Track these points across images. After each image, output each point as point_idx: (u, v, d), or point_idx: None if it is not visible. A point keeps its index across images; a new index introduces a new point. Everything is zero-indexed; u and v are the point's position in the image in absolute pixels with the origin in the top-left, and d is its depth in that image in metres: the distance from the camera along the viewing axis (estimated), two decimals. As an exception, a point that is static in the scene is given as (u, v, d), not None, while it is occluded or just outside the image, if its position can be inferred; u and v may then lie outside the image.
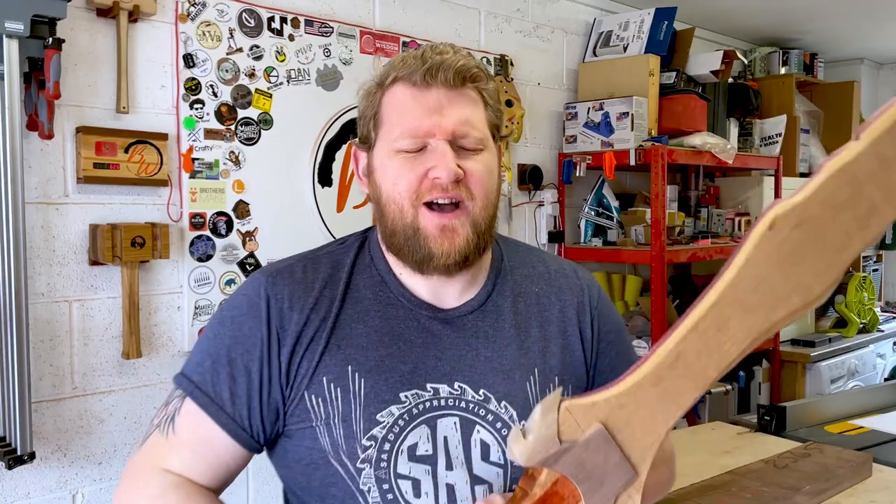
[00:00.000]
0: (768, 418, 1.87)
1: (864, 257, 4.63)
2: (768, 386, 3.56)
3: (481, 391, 0.96)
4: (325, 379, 0.93)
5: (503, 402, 0.96)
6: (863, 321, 4.05)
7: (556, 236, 3.21)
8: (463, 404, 0.95)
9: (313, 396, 0.93)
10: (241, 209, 2.31)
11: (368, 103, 0.98)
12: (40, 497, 1.96)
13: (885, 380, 4.03)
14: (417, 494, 0.92)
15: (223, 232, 2.27)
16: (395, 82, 0.95)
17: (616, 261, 3.18)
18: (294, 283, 0.97)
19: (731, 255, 0.65)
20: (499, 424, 0.95)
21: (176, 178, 2.18)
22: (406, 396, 0.94)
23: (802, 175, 4.08)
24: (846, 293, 4.08)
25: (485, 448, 0.95)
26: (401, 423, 0.93)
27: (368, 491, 0.92)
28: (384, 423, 0.93)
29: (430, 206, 0.93)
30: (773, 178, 3.65)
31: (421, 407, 0.94)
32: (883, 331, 4.17)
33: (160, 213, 2.15)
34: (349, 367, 0.94)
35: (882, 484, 1.54)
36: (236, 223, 2.30)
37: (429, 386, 0.94)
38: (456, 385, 0.95)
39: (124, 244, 1.96)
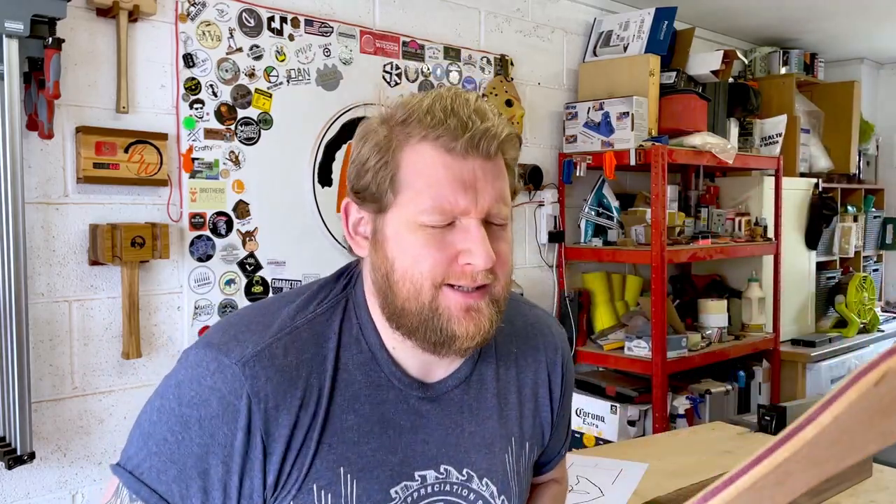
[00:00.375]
0: (768, 418, 1.87)
1: (864, 257, 4.63)
2: (768, 386, 3.56)
3: (465, 471, 0.92)
4: (315, 486, 0.83)
5: (484, 479, 0.93)
6: (863, 321, 4.05)
7: (556, 236, 3.21)
8: (448, 487, 0.91)
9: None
10: (241, 209, 2.31)
11: (380, 154, 0.83)
12: (40, 497, 1.96)
13: (886, 380, 4.02)
14: None
15: (223, 232, 2.27)
16: (424, 141, 0.82)
17: (616, 261, 3.18)
18: (277, 375, 0.81)
19: (816, 408, 0.58)
20: (480, 502, 0.93)
21: (176, 178, 2.18)
22: (396, 492, 0.87)
23: (802, 175, 4.08)
24: (846, 293, 4.08)
25: None
26: None
27: None
28: None
29: (451, 286, 0.83)
30: (773, 178, 3.65)
31: (409, 499, 0.88)
32: (883, 331, 4.17)
33: (160, 213, 2.15)
34: (341, 469, 0.84)
35: (882, 484, 1.54)
36: (236, 223, 2.30)
37: (416, 475, 0.89)
38: (441, 468, 0.91)
39: (124, 244, 1.96)
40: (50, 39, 1.79)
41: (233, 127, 2.29)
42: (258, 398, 0.80)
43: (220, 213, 2.27)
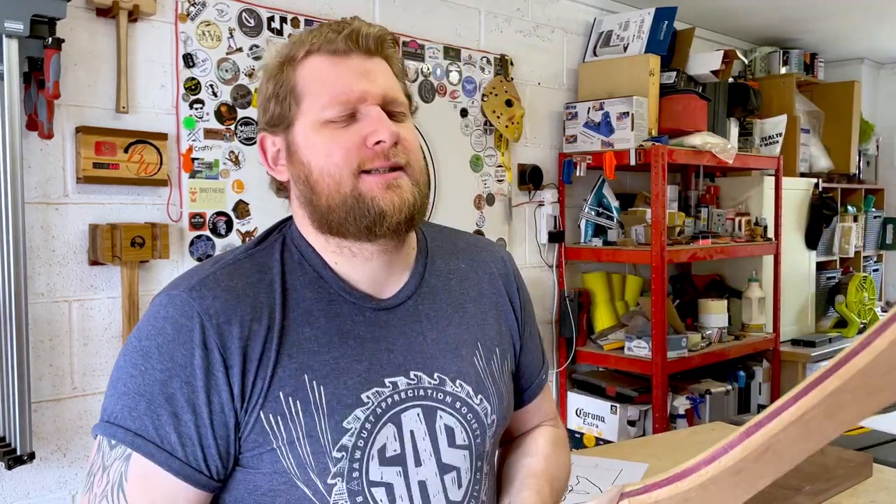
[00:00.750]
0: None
1: (864, 257, 4.63)
2: (768, 386, 3.56)
3: (435, 375, 0.93)
4: (281, 394, 0.85)
5: (458, 381, 0.95)
6: (863, 321, 4.05)
7: (556, 236, 3.21)
8: (421, 392, 0.92)
9: (270, 415, 0.84)
10: (241, 209, 2.31)
11: (276, 82, 0.90)
12: (40, 497, 1.96)
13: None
14: (392, 500, 0.88)
15: (223, 232, 2.27)
16: (309, 55, 0.89)
17: (616, 261, 3.18)
18: (224, 293, 0.85)
19: (867, 334, 0.55)
20: (458, 404, 0.94)
21: (176, 178, 2.18)
22: (368, 397, 0.88)
23: (803, 175, 4.08)
24: (846, 293, 4.08)
25: (450, 433, 0.93)
26: (367, 426, 0.88)
27: None
28: (352, 430, 0.87)
29: (368, 173, 0.87)
30: (773, 178, 3.65)
31: (384, 405, 0.89)
32: (883, 331, 4.16)
33: (160, 212, 2.15)
34: (305, 377, 0.86)
35: (882, 484, 1.54)
36: (236, 223, 2.30)
37: (387, 381, 0.90)
38: (412, 374, 0.92)
39: (124, 244, 1.96)
40: (50, 39, 1.79)
41: (233, 127, 2.29)
42: (208, 315, 0.83)
43: (219, 213, 2.26)
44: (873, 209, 4.72)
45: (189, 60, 2.19)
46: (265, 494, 0.86)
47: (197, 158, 2.22)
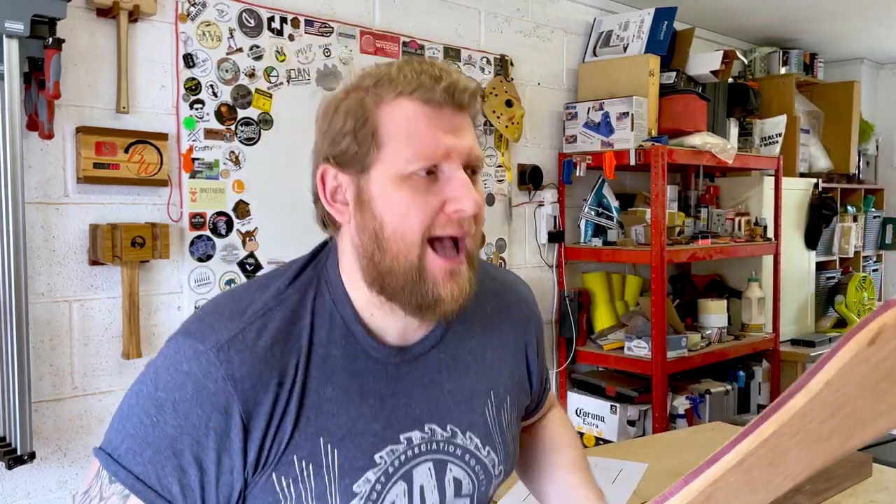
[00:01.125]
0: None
1: (864, 257, 4.63)
2: (768, 386, 3.56)
3: (448, 427, 0.93)
4: (295, 458, 0.83)
5: (468, 433, 0.94)
6: (863, 321, 4.05)
7: (556, 236, 3.21)
8: (434, 445, 0.91)
9: (282, 477, 0.83)
10: (241, 209, 2.31)
11: (356, 117, 0.84)
12: (40, 497, 1.96)
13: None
14: None
15: (223, 232, 2.27)
16: (400, 97, 0.83)
17: (616, 261, 3.18)
18: (252, 357, 0.82)
19: (803, 376, 0.51)
20: (467, 457, 0.94)
21: (176, 178, 2.18)
22: (381, 457, 0.87)
23: (802, 175, 4.08)
24: (846, 293, 4.08)
25: (457, 484, 0.94)
26: (378, 487, 0.87)
27: None
28: (361, 493, 0.86)
29: (433, 247, 0.84)
30: (773, 178, 3.65)
31: (396, 463, 0.88)
32: (883, 331, 4.16)
33: (160, 213, 2.15)
34: (321, 440, 0.84)
35: (882, 484, 1.54)
36: (236, 223, 2.30)
37: (402, 437, 0.89)
38: (426, 428, 0.91)
39: (124, 244, 1.96)
40: (50, 39, 1.79)
41: (233, 127, 2.29)
42: (234, 380, 0.80)
43: (220, 213, 2.27)
44: (873, 209, 4.72)
45: (189, 60, 2.20)
46: None
47: (197, 158, 2.22)
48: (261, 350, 0.83)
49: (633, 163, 2.98)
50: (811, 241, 3.97)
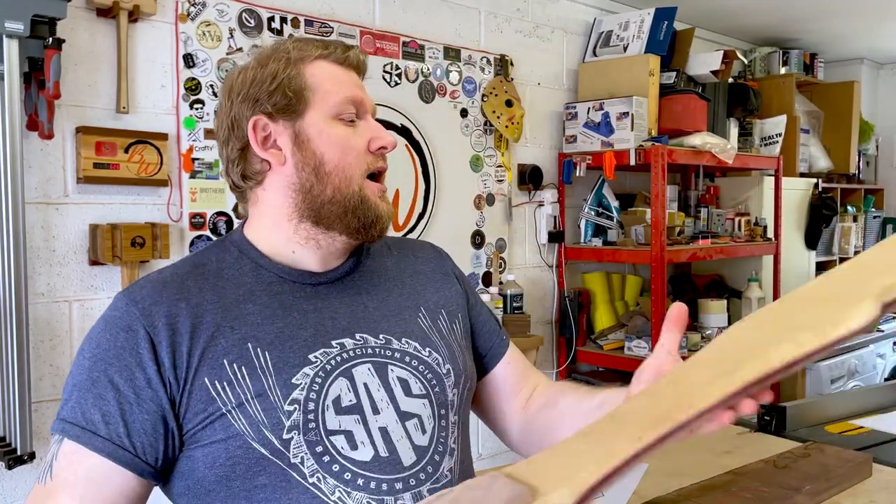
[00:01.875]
0: (768, 418, 1.87)
1: (864, 257, 4.62)
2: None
3: (381, 336, 0.98)
4: (225, 361, 0.88)
5: (403, 339, 1.00)
6: (863, 321, 4.05)
7: (556, 236, 3.21)
8: (369, 350, 0.96)
9: (216, 382, 0.87)
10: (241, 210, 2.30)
11: (286, 71, 0.96)
12: (40, 497, 1.96)
13: (885, 380, 4.03)
14: (354, 447, 0.89)
15: (223, 232, 2.27)
16: (318, 59, 0.99)
17: (616, 261, 3.18)
18: (149, 284, 0.95)
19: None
20: (407, 358, 0.98)
21: (176, 178, 2.18)
22: (315, 357, 0.92)
23: (802, 175, 4.08)
24: (846, 293, 4.07)
25: (404, 384, 0.96)
26: (318, 380, 0.91)
27: (302, 462, 0.87)
28: (302, 385, 0.89)
29: (369, 177, 0.99)
30: (773, 178, 3.65)
31: (333, 362, 0.93)
32: (883, 331, 4.17)
33: (160, 213, 2.15)
34: (248, 345, 0.90)
35: (882, 484, 1.54)
36: (236, 223, 2.30)
37: (334, 343, 0.95)
38: (357, 336, 0.97)
39: (124, 244, 1.96)
40: (50, 39, 1.79)
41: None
42: (134, 301, 0.91)
43: (220, 213, 2.27)
44: (873, 209, 4.72)
45: (189, 60, 2.20)
46: (223, 465, 0.87)
47: (197, 158, 2.22)
48: (160, 279, 0.96)
49: (633, 163, 2.98)
50: (811, 241, 3.97)
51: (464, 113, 2.92)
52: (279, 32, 2.38)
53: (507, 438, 1.17)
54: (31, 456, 1.82)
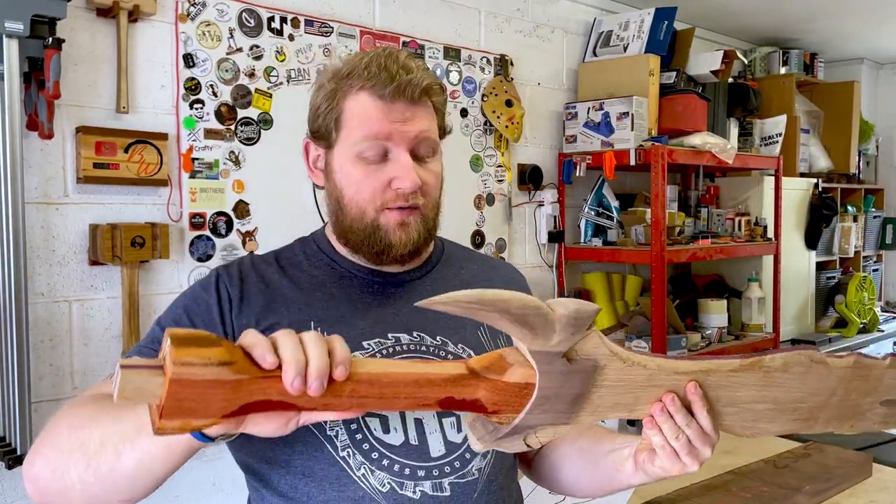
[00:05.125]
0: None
1: (864, 257, 4.63)
2: (768, 386, 3.56)
3: (438, 337, 1.02)
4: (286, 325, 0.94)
5: (460, 345, 1.02)
6: (863, 321, 4.05)
7: (556, 236, 3.21)
8: (423, 348, 1.00)
9: None
10: (241, 209, 2.31)
11: (327, 102, 1.02)
12: (40, 497, 1.96)
13: (885, 380, 4.01)
14: (386, 430, 0.94)
15: (223, 232, 2.27)
16: (361, 91, 0.99)
17: (616, 261, 3.18)
18: (243, 265, 1.06)
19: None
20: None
21: (176, 178, 2.18)
22: (369, 344, 0.98)
23: (802, 175, 4.08)
24: (846, 293, 4.08)
25: None
26: None
27: (336, 436, 0.93)
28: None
29: (389, 208, 1.01)
30: (773, 178, 3.65)
31: (384, 352, 0.97)
32: (883, 331, 4.17)
33: (160, 212, 2.15)
34: (311, 323, 0.98)
35: (882, 484, 1.54)
36: (236, 223, 2.30)
37: (389, 335, 0.99)
38: (414, 333, 1.01)
39: (124, 244, 1.96)
40: (50, 39, 1.79)
41: (233, 127, 2.29)
42: (227, 274, 1.04)
43: (220, 213, 2.26)
44: (873, 209, 4.72)
45: (189, 60, 2.19)
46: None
47: (197, 158, 2.22)
48: (250, 262, 1.07)
49: (633, 163, 2.98)
50: (811, 241, 3.97)
51: (464, 113, 2.92)
52: (279, 32, 2.38)
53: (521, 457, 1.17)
54: (31, 456, 1.82)
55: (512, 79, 3.04)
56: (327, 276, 1.05)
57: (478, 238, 2.97)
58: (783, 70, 4.25)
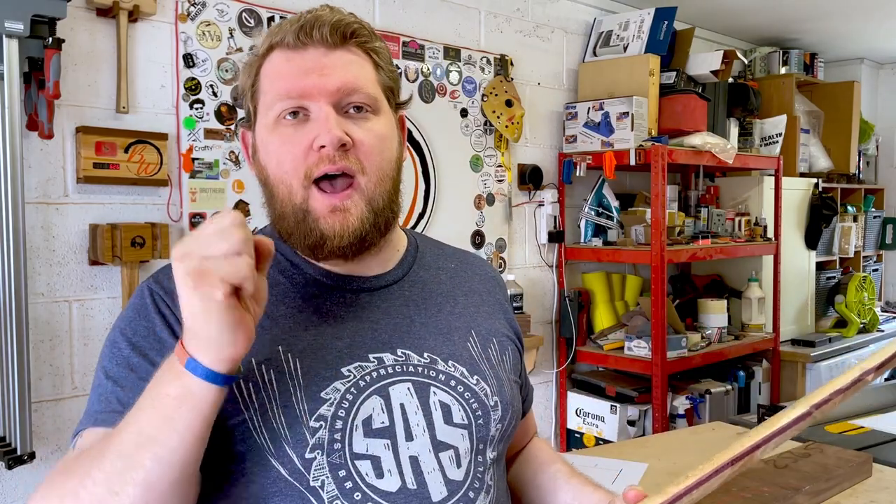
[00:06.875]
0: (768, 418, 1.87)
1: (864, 257, 4.63)
2: (768, 386, 3.56)
3: (425, 354, 0.88)
4: (253, 361, 0.80)
5: (450, 362, 0.89)
6: (863, 321, 4.05)
7: (556, 236, 3.21)
8: (411, 369, 0.86)
9: (241, 381, 0.79)
10: (241, 209, 2.31)
11: (247, 77, 0.88)
12: (40, 497, 1.96)
13: (885, 380, 4.02)
14: (380, 474, 0.80)
15: (223, 232, 2.27)
16: (272, 50, 0.85)
17: (616, 261, 3.18)
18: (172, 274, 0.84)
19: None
20: (453, 382, 0.88)
21: (176, 178, 2.18)
22: (349, 370, 0.83)
23: (802, 175, 4.08)
24: (846, 293, 4.08)
25: (446, 409, 0.86)
26: (349, 396, 0.81)
27: (322, 486, 0.78)
28: (331, 400, 0.81)
29: (320, 186, 0.83)
30: (773, 178, 3.65)
31: (368, 378, 0.83)
32: (883, 331, 4.17)
33: (160, 212, 2.15)
34: (279, 348, 0.82)
35: (882, 484, 1.54)
36: (236, 223, 2.30)
37: (371, 356, 0.85)
38: (399, 352, 0.87)
39: (124, 244, 1.96)
40: (50, 39, 1.79)
41: (233, 127, 2.29)
42: (162, 288, 0.84)
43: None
44: (873, 209, 4.72)
45: (189, 60, 2.20)
46: (238, 481, 0.80)
47: (197, 158, 2.22)
48: None
49: (633, 163, 2.98)
50: (811, 241, 3.97)
51: (464, 113, 2.92)
52: (279, 32, 2.38)
53: None
54: (31, 456, 1.82)
55: (512, 79, 3.04)
56: (289, 282, 0.88)
57: (478, 238, 2.98)
58: (783, 70, 4.25)
